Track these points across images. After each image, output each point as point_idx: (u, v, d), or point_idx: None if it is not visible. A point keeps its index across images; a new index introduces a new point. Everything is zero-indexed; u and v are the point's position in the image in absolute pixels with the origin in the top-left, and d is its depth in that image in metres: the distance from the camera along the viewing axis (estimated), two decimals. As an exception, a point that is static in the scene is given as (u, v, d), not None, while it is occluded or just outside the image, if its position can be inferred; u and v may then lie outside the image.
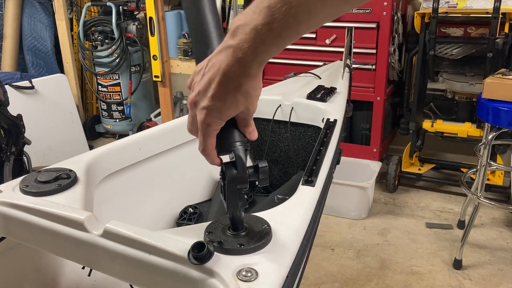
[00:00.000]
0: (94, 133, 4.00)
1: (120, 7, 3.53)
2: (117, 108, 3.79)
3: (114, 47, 3.58)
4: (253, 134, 0.72)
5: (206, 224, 0.80)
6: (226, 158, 0.73)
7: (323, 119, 1.51)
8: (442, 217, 2.68)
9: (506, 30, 2.47)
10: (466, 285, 2.10)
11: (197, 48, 0.75)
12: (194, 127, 0.68)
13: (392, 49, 2.73)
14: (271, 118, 1.67)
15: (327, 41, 2.80)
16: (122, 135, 3.82)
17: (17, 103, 2.83)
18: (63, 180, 0.96)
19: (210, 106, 0.64)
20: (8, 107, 2.17)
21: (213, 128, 0.66)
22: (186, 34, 3.46)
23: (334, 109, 1.56)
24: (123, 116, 3.79)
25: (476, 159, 2.28)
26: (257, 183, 0.73)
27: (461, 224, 2.54)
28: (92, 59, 3.70)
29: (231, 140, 0.70)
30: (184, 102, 3.69)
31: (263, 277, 0.67)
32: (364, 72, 2.77)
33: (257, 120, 1.66)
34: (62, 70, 3.81)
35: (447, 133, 2.77)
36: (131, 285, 1.03)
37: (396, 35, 2.73)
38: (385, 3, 2.58)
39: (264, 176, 0.72)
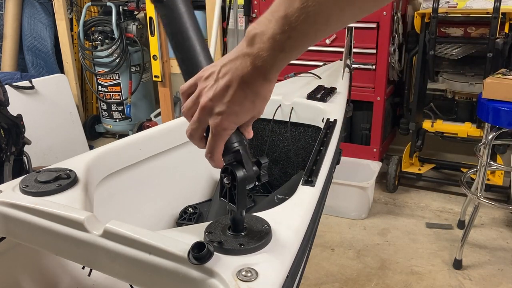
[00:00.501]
0: (94, 133, 4.00)
1: (120, 7, 3.53)
2: (117, 108, 3.79)
3: (114, 47, 3.58)
4: (251, 132, 0.74)
5: (206, 224, 0.80)
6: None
7: (323, 119, 1.51)
8: (442, 217, 2.68)
9: (506, 30, 2.47)
10: (466, 285, 2.10)
11: (187, 69, 0.76)
12: (198, 132, 0.69)
13: (392, 49, 2.73)
14: (271, 118, 1.67)
15: (327, 41, 2.80)
16: (122, 135, 3.82)
17: (17, 103, 2.83)
18: (63, 180, 0.96)
19: (227, 111, 0.64)
20: (8, 107, 2.17)
21: (227, 133, 0.67)
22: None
23: (334, 109, 1.56)
24: (123, 116, 3.80)
25: (476, 159, 2.28)
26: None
27: (461, 224, 2.54)
28: (92, 59, 3.70)
29: (232, 141, 0.71)
30: (184, 102, 3.69)
31: (263, 277, 0.67)
32: (364, 72, 2.77)
33: (257, 120, 1.65)
34: (62, 70, 3.81)
35: (447, 133, 2.77)
36: (131, 285, 1.03)
37: (396, 35, 2.73)
38: (385, 3, 2.58)
39: (264, 172, 0.74)
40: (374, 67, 2.75)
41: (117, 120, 3.83)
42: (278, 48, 0.59)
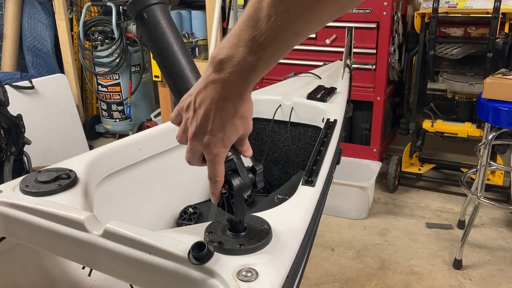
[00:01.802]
0: (94, 133, 4.00)
1: (120, 7, 3.53)
2: (117, 108, 3.79)
3: (114, 47, 3.58)
4: (249, 151, 0.74)
5: (206, 224, 0.80)
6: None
7: (323, 119, 1.51)
8: (442, 217, 2.68)
9: (506, 30, 2.47)
10: (466, 285, 2.10)
11: (174, 83, 0.77)
12: (195, 158, 0.71)
13: (392, 49, 2.72)
14: (271, 118, 1.67)
15: (327, 41, 2.80)
16: (122, 135, 3.82)
17: (17, 103, 2.83)
18: (63, 180, 0.96)
19: (212, 139, 0.66)
20: (8, 107, 2.17)
21: (221, 157, 0.69)
22: (186, 34, 3.47)
23: (334, 109, 1.56)
24: (123, 116, 3.79)
25: (476, 159, 2.28)
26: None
27: (461, 224, 2.54)
28: (92, 59, 3.70)
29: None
30: (184, 102, 3.68)
31: (263, 277, 0.68)
32: (364, 72, 2.77)
33: (257, 120, 1.65)
34: (62, 70, 3.81)
35: (447, 133, 2.77)
36: (131, 285, 1.03)
37: (396, 35, 2.73)
38: (385, 3, 2.58)
39: (260, 178, 0.75)
40: (374, 67, 2.75)
41: (117, 120, 3.83)
42: (250, 69, 0.60)
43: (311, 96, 1.65)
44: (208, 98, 0.64)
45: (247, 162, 0.76)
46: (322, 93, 1.66)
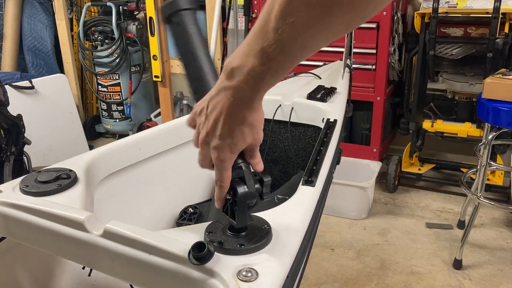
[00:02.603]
0: (94, 133, 4.00)
1: (120, 7, 3.53)
2: (117, 108, 3.79)
3: (114, 47, 3.58)
4: (259, 166, 0.75)
5: (206, 224, 0.80)
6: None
7: (323, 119, 1.51)
8: (442, 217, 2.68)
9: (506, 30, 2.47)
10: (466, 285, 2.10)
11: (196, 87, 0.80)
12: (207, 162, 0.73)
13: (392, 49, 2.73)
14: (271, 118, 1.67)
15: (327, 41, 2.79)
16: (122, 135, 3.82)
17: (17, 103, 2.83)
18: (63, 180, 0.96)
19: (220, 144, 0.68)
20: (8, 107, 2.17)
21: (227, 163, 0.70)
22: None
23: (334, 109, 1.56)
24: (123, 116, 3.80)
25: (476, 159, 2.28)
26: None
27: (461, 224, 2.54)
28: (92, 59, 3.70)
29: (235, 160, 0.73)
30: (185, 102, 3.69)
31: (263, 277, 0.68)
32: (364, 72, 2.77)
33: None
34: (62, 70, 3.81)
35: (447, 133, 2.77)
36: (131, 285, 1.03)
37: (396, 35, 2.73)
38: (385, 3, 2.58)
39: (267, 190, 0.75)
40: (374, 67, 2.75)
41: (117, 120, 3.83)
42: (259, 79, 0.62)
43: (311, 96, 1.65)
44: (219, 104, 0.66)
45: None
46: (322, 93, 1.66)
